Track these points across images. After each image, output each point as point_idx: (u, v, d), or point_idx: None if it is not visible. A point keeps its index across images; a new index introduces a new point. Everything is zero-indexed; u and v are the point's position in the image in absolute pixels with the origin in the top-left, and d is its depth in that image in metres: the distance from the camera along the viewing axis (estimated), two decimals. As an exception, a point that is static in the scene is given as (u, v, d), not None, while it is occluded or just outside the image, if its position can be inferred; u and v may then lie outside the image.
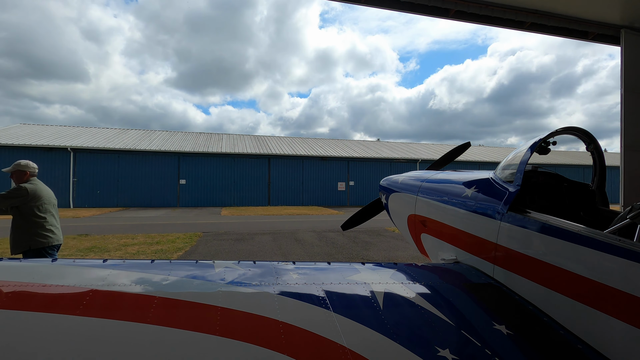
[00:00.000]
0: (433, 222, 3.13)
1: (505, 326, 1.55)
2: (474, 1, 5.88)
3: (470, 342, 1.44)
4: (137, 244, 9.09)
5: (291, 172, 25.72)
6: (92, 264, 1.72)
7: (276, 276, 1.75)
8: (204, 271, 1.73)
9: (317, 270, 1.92)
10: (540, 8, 6.11)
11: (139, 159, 22.83)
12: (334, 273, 1.88)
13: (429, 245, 3.33)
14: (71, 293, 1.41)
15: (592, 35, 6.80)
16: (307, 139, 33.23)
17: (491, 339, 1.47)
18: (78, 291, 1.42)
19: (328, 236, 10.75)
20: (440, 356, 1.31)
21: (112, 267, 1.65)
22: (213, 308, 1.41)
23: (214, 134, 31.07)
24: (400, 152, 30.44)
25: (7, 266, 1.56)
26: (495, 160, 30.02)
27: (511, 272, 1.98)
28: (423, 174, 3.79)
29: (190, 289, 1.56)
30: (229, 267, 1.81)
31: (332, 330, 1.37)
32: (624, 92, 6.44)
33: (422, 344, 1.38)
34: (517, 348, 1.46)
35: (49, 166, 21.05)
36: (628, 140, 6.47)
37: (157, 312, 1.35)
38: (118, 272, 1.60)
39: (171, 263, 1.81)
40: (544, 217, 1.86)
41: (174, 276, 1.63)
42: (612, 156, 38.93)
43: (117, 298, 1.42)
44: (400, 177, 4.12)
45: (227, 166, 24.45)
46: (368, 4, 5.94)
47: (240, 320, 1.38)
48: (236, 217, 16.93)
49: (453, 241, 2.70)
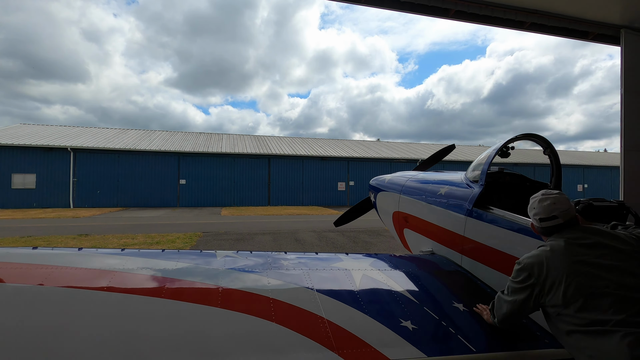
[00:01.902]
0: (413, 218, 3.47)
1: (463, 304, 1.84)
2: (474, 1, 5.89)
3: (430, 316, 1.72)
4: (137, 244, 9.10)
5: (291, 172, 25.71)
6: (112, 252, 1.99)
7: (270, 262, 2.04)
8: (208, 258, 2.01)
9: (305, 258, 2.20)
10: (540, 8, 6.11)
11: (139, 159, 22.82)
12: (320, 261, 2.18)
13: (410, 239, 3.64)
14: (97, 274, 1.68)
15: (592, 35, 6.80)
16: (307, 139, 33.22)
17: (448, 314, 1.76)
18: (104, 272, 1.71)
19: (328, 236, 10.75)
20: (402, 326, 1.60)
21: (129, 254, 1.92)
22: (215, 287, 1.69)
23: (214, 134, 31.06)
24: (400, 152, 30.44)
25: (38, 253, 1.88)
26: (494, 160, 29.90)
27: (475, 261, 2.26)
28: (407, 174, 4.11)
29: (196, 271, 1.83)
30: (229, 255, 2.07)
31: (313, 305, 1.66)
32: (624, 92, 6.44)
33: (388, 317, 1.66)
34: (470, 322, 1.72)
35: (49, 166, 21.06)
36: (628, 140, 6.47)
37: (169, 289, 1.63)
38: (135, 258, 1.88)
39: (179, 252, 2.09)
40: (501, 213, 2.12)
41: (182, 262, 1.91)
42: (612, 156, 38.94)
43: (135, 277, 1.70)
44: (387, 177, 4.41)
45: (227, 166, 24.44)
46: (368, 4, 5.93)
47: (237, 296, 1.66)
48: (236, 217, 16.93)
49: (430, 235, 3.00)
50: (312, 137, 34.57)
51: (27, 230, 11.56)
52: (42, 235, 10.26)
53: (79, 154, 21.61)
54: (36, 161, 20.92)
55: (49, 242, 9.11)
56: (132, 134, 27.19)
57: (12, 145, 20.38)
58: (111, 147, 22.25)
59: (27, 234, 10.65)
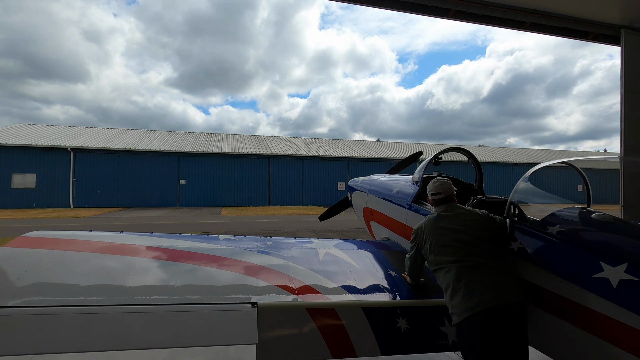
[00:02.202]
0: (376, 212, 4.30)
1: (395, 272, 2.55)
2: (474, 1, 5.89)
3: (368, 278, 2.41)
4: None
5: (291, 172, 25.70)
6: (144, 234, 2.69)
7: (257, 242, 2.76)
8: (212, 239, 2.74)
9: (285, 241, 2.89)
10: (540, 8, 6.11)
11: (139, 159, 22.82)
12: (295, 241, 2.89)
13: (375, 229, 4.39)
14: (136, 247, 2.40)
15: (592, 35, 6.80)
16: (307, 139, 33.21)
17: (382, 277, 2.47)
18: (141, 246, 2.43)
19: (327, 236, 10.75)
20: (347, 283, 2.30)
21: (155, 236, 2.66)
22: (216, 256, 2.40)
23: (214, 134, 31.06)
24: (400, 152, 30.44)
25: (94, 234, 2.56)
26: (495, 160, 30.03)
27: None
28: (376, 176, 4.93)
29: (205, 247, 2.52)
30: (228, 238, 2.83)
31: (285, 268, 2.36)
32: (624, 93, 6.44)
33: (338, 278, 2.33)
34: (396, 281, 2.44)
35: (49, 166, 21.06)
36: (628, 140, 6.47)
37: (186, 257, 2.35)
38: (160, 238, 2.60)
39: (192, 235, 2.78)
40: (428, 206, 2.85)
41: (194, 241, 2.62)
42: (612, 156, 38.91)
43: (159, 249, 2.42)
44: (360, 179, 5.24)
45: (227, 166, 24.44)
46: (368, 4, 5.94)
47: (232, 261, 2.37)
48: (236, 217, 16.93)
49: (386, 225, 3.80)
50: (312, 137, 34.57)
51: (27, 230, 11.52)
52: (42, 235, 10.25)
53: (79, 154, 21.61)
54: (36, 161, 20.92)
55: (49, 242, 9.09)
56: (132, 134, 27.19)
57: (12, 145, 20.39)
58: (111, 147, 22.25)
59: (27, 234, 10.64)
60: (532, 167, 2.62)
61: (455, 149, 3.79)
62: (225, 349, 3.35)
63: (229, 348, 3.37)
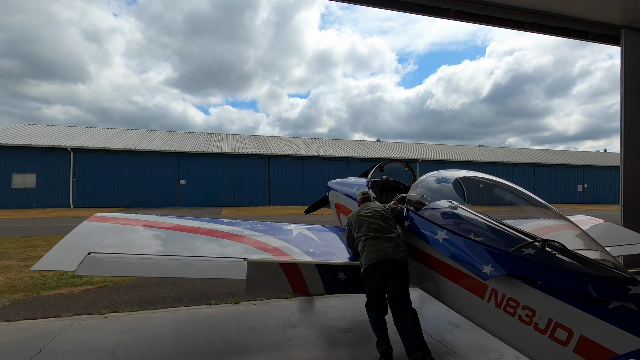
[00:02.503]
0: (342, 206, 5.96)
1: (344, 245, 3.59)
2: (474, 1, 5.89)
3: (324, 248, 3.47)
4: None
5: (291, 172, 25.71)
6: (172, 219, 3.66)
7: (251, 224, 3.85)
8: (218, 221, 3.80)
9: (271, 224, 3.97)
10: (540, 8, 6.11)
11: (139, 159, 22.83)
12: (277, 224, 3.98)
13: (343, 220, 5.62)
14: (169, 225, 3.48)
15: (592, 35, 6.80)
16: (307, 139, 33.21)
17: (335, 247, 3.55)
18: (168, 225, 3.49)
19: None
20: (308, 249, 3.33)
21: (181, 218, 3.73)
22: (227, 232, 3.49)
23: (214, 134, 31.07)
24: (400, 152, 30.44)
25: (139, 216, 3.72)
26: (494, 160, 30.03)
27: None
28: (347, 179, 6.75)
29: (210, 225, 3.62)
30: (230, 219, 3.92)
31: (266, 240, 3.42)
32: (624, 92, 6.44)
33: (302, 247, 3.35)
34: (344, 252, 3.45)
35: (49, 166, 21.08)
36: (628, 141, 6.47)
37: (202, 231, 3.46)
38: (183, 220, 3.67)
39: (205, 219, 3.83)
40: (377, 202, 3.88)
41: (207, 222, 3.72)
42: (612, 156, 38.93)
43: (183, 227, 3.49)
44: (335, 180, 6.85)
45: (227, 166, 24.44)
46: (368, 4, 5.94)
47: (233, 234, 3.46)
48: (236, 217, 16.93)
49: (347, 215, 4.63)
50: (312, 137, 34.58)
51: (27, 230, 11.56)
52: (42, 235, 10.26)
53: (79, 154, 21.62)
54: (36, 161, 20.92)
55: (49, 241, 9.10)
56: (132, 134, 27.19)
57: (12, 145, 20.40)
58: (111, 147, 22.26)
59: (27, 233, 10.65)
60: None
61: (396, 160, 5.93)
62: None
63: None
